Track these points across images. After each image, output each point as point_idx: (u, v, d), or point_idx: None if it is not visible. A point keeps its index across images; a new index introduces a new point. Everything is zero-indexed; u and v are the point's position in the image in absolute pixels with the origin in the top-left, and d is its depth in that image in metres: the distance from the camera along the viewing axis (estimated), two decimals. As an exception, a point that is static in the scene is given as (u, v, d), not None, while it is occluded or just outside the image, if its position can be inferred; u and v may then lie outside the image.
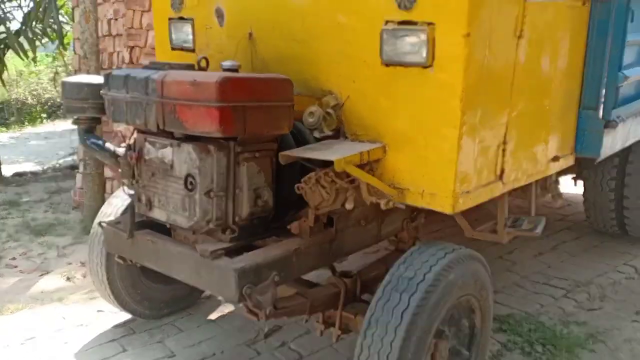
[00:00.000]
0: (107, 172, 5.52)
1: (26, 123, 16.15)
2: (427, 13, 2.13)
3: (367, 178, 2.28)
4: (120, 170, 2.60)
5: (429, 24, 2.13)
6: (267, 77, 2.35)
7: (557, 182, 3.63)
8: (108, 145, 2.69)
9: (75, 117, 2.69)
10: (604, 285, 3.93)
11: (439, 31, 2.11)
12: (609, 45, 2.91)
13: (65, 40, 8.05)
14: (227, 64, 2.30)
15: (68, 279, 4.14)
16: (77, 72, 5.86)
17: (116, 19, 5.54)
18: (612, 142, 3.23)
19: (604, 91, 2.98)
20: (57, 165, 9.11)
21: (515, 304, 3.66)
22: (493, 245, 4.43)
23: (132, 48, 5.26)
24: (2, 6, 7.52)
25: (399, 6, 2.18)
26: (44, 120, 16.79)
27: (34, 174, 8.36)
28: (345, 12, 2.38)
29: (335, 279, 2.69)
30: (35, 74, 17.75)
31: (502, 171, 2.49)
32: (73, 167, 8.18)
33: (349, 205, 2.34)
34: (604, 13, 2.89)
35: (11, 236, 5.11)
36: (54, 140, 13.53)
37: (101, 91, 2.54)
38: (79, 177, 6.14)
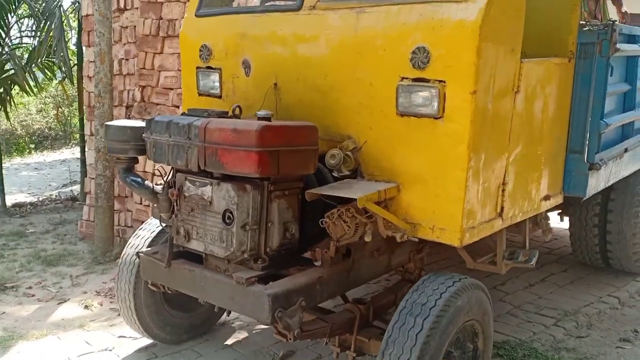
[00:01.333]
0: (117, 205, 5.76)
1: (14, 154, 16.30)
2: (439, 72, 2.46)
3: (385, 214, 2.58)
4: (157, 205, 2.86)
5: (440, 81, 2.47)
6: (297, 124, 2.65)
7: (546, 217, 3.94)
8: (147, 183, 2.96)
9: (117, 157, 2.97)
10: (590, 314, 4.23)
11: (449, 88, 2.45)
12: (591, 97, 3.28)
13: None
14: (261, 113, 2.60)
15: (86, 307, 4.33)
16: (89, 107, 6.15)
17: (127, 59, 5.86)
18: (596, 182, 3.57)
19: (588, 137, 3.33)
20: (55, 197, 9.27)
21: (510, 331, 3.93)
22: (487, 276, 4.76)
23: (143, 87, 5.56)
24: (9, 43, 7.82)
25: (414, 66, 2.52)
26: (32, 151, 16.96)
27: (33, 205, 8.52)
28: (364, 69, 2.71)
29: (350, 305, 2.96)
30: (23, 104, 17.95)
31: (502, 209, 2.80)
32: (74, 199, 8.38)
33: (367, 238, 2.63)
34: (587, 69, 3.27)
35: (24, 266, 5.29)
36: (45, 171, 13.70)
37: (143, 135, 2.83)
38: (85, 209, 6.37)
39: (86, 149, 6.67)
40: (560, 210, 4.93)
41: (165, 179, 2.86)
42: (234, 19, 3.23)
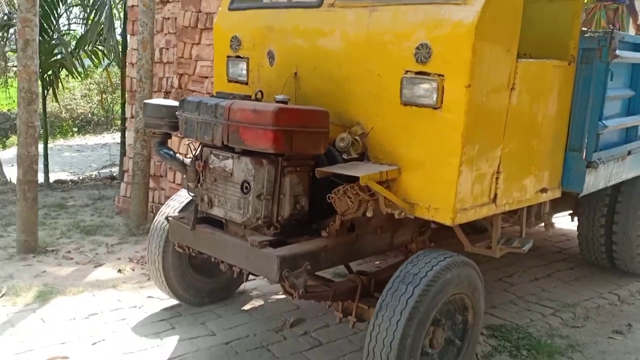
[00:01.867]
0: (152, 184, 6.19)
1: (58, 135, 17.11)
2: (439, 67, 2.75)
3: (385, 193, 2.88)
4: (186, 175, 3.23)
5: (440, 75, 2.75)
6: (309, 108, 2.98)
7: (550, 213, 4.15)
8: (178, 155, 3.33)
9: (152, 131, 3.35)
10: (588, 308, 4.43)
11: (447, 81, 2.73)
12: (591, 99, 3.50)
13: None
14: (279, 97, 2.93)
15: (119, 271, 4.75)
16: (130, 92, 6.61)
17: (167, 49, 6.28)
18: (595, 181, 3.78)
19: (586, 137, 3.56)
20: (95, 176, 9.84)
21: (508, 317, 4.17)
22: (495, 269, 5.03)
23: (181, 75, 5.98)
24: (59, 30, 8.36)
25: (417, 60, 2.81)
26: (75, 134, 17.76)
27: (74, 182, 9.08)
28: (373, 61, 3.01)
29: (354, 275, 3.27)
30: (68, 89, 18.72)
31: (496, 195, 3.06)
32: (112, 178, 8.91)
33: (369, 214, 2.93)
34: (588, 72, 3.50)
35: (64, 234, 5.77)
36: (86, 153, 14.41)
37: (177, 112, 3.19)
38: (123, 185, 6.84)
39: (126, 131, 7.15)
40: (571, 211, 5.15)
41: (193, 153, 3.23)
42: (262, 13, 3.57)
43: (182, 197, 3.82)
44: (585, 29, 3.52)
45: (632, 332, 4.12)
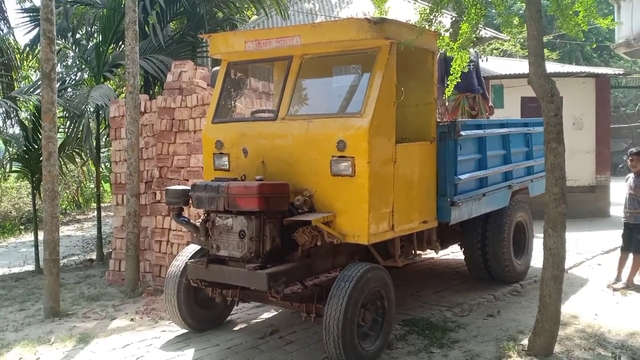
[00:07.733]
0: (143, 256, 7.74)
1: (6, 234, 17.82)
2: (351, 152, 4.73)
3: (327, 229, 4.75)
4: (197, 234, 4.98)
5: (352, 157, 4.73)
6: (276, 182, 4.85)
7: (437, 240, 6.15)
8: (191, 220, 5.09)
9: (172, 206, 5.10)
10: (472, 304, 6.38)
11: (356, 160, 4.71)
12: (448, 163, 5.61)
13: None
14: (258, 177, 4.81)
15: (132, 319, 6.27)
16: (115, 184, 8.25)
17: (146, 148, 8.04)
18: (459, 214, 5.83)
19: (448, 186, 5.63)
20: (71, 262, 11.07)
21: (417, 314, 6.04)
22: (409, 287, 6.91)
23: (161, 167, 7.72)
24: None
25: (338, 149, 4.78)
26: (22, 232, 18.51)
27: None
28: (312, 151, 4.96)
29: (312, 287, 5.06)
30: (15, 189, 19.64)
31: (393, 225, 5.01)
32: (91, 260, 10.27)
33: (319, 243, 4.78)
34: (444, 147, 5.63)
35: (73, 302, 7.18)
36: (41, 247, 15.31)
37: (189, 193, 4.98)
38: (111, 262, 8.33)
39: (103, 218, 8.65)
40: (460, 242, 7.19)
41: (202, 218, 5.00)
42: (236, 124, 5.50)
43: (185, 253, 5.53)
44: (439, 119, 5.66)
45: (500, 315, 6.08)
